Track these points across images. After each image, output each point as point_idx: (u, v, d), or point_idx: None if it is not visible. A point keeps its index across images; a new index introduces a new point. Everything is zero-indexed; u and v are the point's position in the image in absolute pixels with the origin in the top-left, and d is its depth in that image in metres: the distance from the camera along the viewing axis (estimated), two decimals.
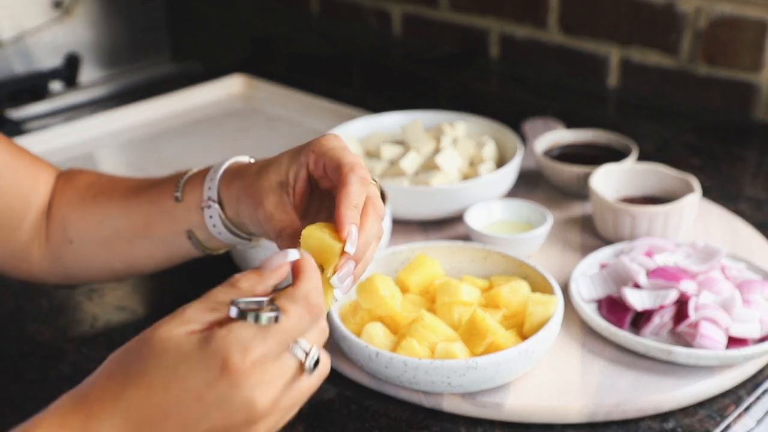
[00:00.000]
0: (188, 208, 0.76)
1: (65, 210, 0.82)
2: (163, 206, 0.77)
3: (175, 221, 0.77)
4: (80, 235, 0.81)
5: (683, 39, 1.48)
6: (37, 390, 0.85)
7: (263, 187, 0.70)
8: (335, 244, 0.62)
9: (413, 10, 1.85)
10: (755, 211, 1.15)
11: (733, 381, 0.84)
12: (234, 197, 0.73)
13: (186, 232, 0.78)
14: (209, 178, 0.75)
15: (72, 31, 1.54)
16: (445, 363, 0.76)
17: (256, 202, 0.70)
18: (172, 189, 0.77)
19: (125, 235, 0.80)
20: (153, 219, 0.78)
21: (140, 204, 0.79)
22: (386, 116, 1.24)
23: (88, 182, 0.83)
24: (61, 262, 0.83)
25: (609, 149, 1.19)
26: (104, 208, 0.80)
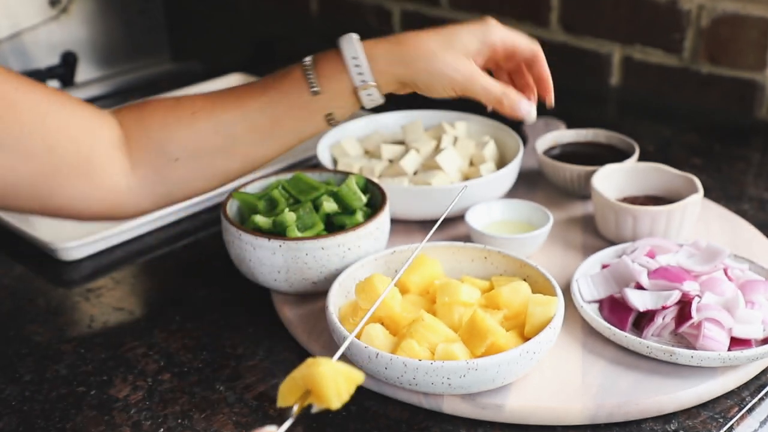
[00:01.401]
0: (331, 96, 0.85)
1: (160, 134, 0.84)
2: (294, 102, 0.85)
3: (311, 111, 0.85)
4: (189, 151, 0.85)
5: (685, 38, 1.48)
6: (35, 391, 0.85)
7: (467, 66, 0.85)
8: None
9: (413, 8, 1.84)
10: (758, 211, 1.15)
11: (736, 382, 0.83)
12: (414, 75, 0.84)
13: (325, 116, 0.86)
14: (352, 63, 0.84)
15: (69, 29, 1.54)
16: (445, 364, 0.76)
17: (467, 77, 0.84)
18: (303, 84, 0.85)
19: (245, 138, 0.86)
20: (281, 117, 0.85)
21: (262, 107, 0.85)
22: (386, 116, 1.23)
23: (170, 105, 0.86)
24: (163, 183, 0.86)
25: (610, 149, 1.19)
26: (215, 120, 0.85)
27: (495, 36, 0.88)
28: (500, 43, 0.88)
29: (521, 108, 0.87)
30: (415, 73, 0.85)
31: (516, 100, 0.87)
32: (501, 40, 0.88)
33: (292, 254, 0.89)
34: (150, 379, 0.86)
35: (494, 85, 0.86)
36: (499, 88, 0.86)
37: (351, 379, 0.63)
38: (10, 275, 1.06)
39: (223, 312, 0.97)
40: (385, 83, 0.85)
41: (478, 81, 0.85)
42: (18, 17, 1.47)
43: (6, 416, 0.82)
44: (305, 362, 0.64)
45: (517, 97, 0.87)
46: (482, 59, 0.88)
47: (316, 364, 0.63)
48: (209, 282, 1.03)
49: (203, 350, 0.90)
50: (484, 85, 0.86)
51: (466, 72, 0.85)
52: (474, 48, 0.86)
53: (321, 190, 0.98)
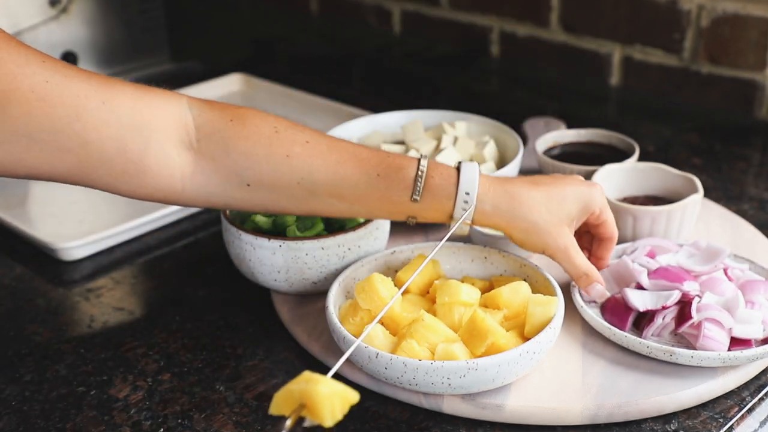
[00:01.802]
0: (425, 209, 0.84)
1: (242, 159, 0.81)
2: (390, 198, 0.83)
3: (401, 210, 0.84)
4: (264, 185, 0.82)
5: (686, 38, 1.48)
6: (35, 391, 0.85)
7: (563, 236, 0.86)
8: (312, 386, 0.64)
9: (413, 8, 1.84)
10: (758, 211, 1.15)
11: (736, 382, 0.83)
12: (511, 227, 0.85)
13: (408, 217, 0.85)
14: (462, 200, 0.83)
15: (69, 29, 1.54)
16: (445, 364, 0.76)
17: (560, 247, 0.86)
18: (408, 188, 0.83)
19: (325, 199, 0.83)
20: (370, 200, 0.83)
21: (357, 184, 0.82)
22: (386, 116, 1.23)
23: (267, 135, 0.82)
24: (223, 198, 0.83)
25: (610, 148, 1.19)
26: (304, 173, 0.82)
27: (595, 205, 0.87)
28: (597, 213, 0.88)
29: (594, 291, 0.88)
30: (514, 230, 0.85)
31: (593, 282, 0.88)
32: (599, 211, 0.88)
33: (292, 254, 0.89)
34: (150, 379, 0.86)
35: (581, 264, 0.87)
36: (584, 267, 0.87)
37: (346, 399, 0.65)
38: (10, 275, 1.06)
39: (223, 312, 0.97)
40: (480, 222, 0.85)
41: (570, 257, 0.86)
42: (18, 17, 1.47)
43: (6, 416, 0.82)
44: (303, 376, 0.65)
45: (596, 278, 0.88)
46: (577, 225, 0.88)
47: (315, 382, 0.64)
48: (209, 282, 1.03)
49: (203, 350, 0.90)
50: (573, 260, 0.86)
51: (562, 245, 0.86)
52: (575, 214, 0.86)
53: None
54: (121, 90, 0.77)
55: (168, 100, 0.81)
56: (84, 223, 1.13)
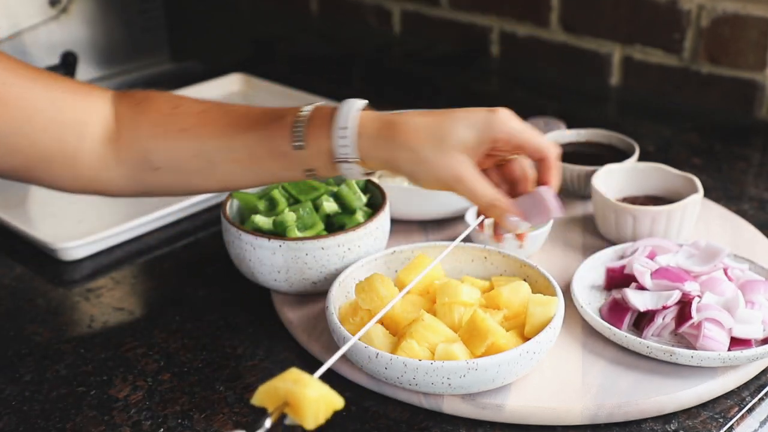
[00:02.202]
0: (312, 155, 0.79)
1: (147, 141, 0.82)
2: (277, 149, 0.80)
3: (292, 162, 0.80)
4: (170, 165, 0.83)
5: (686, 38, 1.48)
6: (35, 391, 0.85)
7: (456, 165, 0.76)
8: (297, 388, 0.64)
9: (413, 8, 1.84)
10: (758, 211, 1.15)
11: (736, 382, 0.83)
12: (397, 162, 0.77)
13: (305, 170, 0.81)
14: (338, 135, 0.77)
15: (69, 29, 1.54)
16: (445, 364, 0.76)
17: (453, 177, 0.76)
18: (289, 135, 0.79)
19: (226, 166, 0.82)
20: (262, 158, 0.81)
21: (246, 143, 0.81)
22: None
23: (166, 113, 0.83)
24: (143, 184, 0.85)
25: (610, 149, 1.19)
26: (198, 143, 0.81)
27: (499, 130, 0.77)
28: (505, 137, 0.77)
29: (508, 221, 0.78)
30: (400, 162, 0.77)
31: (506, 214, 0.78)
32: (507, 135, 0.77)
33: (292, 254, 0.89)
34: (150, 379, 0.86)
35: (484, 192, 0.77)
36: (488, 196, 0.77)
37: (331, 404, 0.65)
38: (10, 275, 1.06)
39: (223, 312, 0.97)
40: (368, 162, 0.79)
41: (466, 184, 0.77)
42: (18, 17, 1.47)
43: (6, 416, 0.82)
44: (291, 374, 0.65)
45: (504, 208, 0.78)
46: (481, 153, 0.78)
47: (303, 384, 0.64)
48: (209, 282, 1.03)
49: (203, 350, 0.90)
50: (472, 189, 0.77)
51: (454, 172, 0.76)
52: (471, 141, 0.76)
53: (321, 190, 0.98)
54: (62, 87, 0.81)
55: (97, 96, 0.84)
56: (84, 223, 1.13)
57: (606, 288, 0.94)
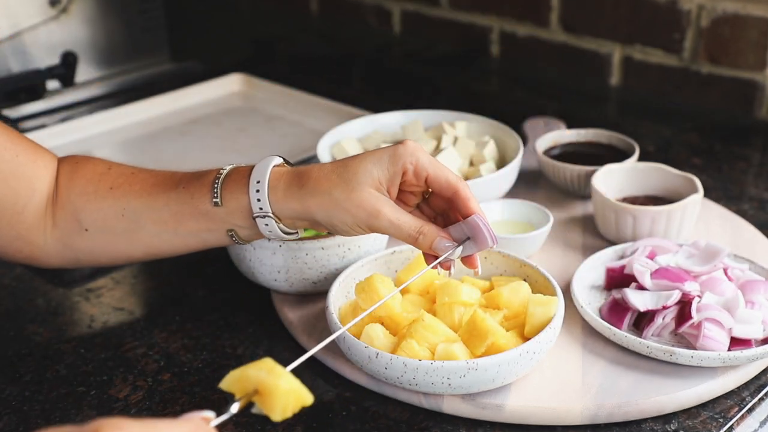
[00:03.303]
0: (230, 213, 0.79)
1: (78, 200, 0.83)
2: (197, 207, 0.79)
3: (213, 221, 0.80)
4: (97, 225, 0.83)
5: (686, 38, 1.48)
6: (35, 391, 0.85)
7: (370, 199, 0.75)
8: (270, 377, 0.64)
9: (413, 8, 1.84)
10: (758, 211, 1.15)
11: (736, 382, 0.83)
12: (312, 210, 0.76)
13: (227, 231, 0.81)
14: (254, 189, 0.77)
15: (69, 29, 1.54)
16: (445, 364, 0.76)
17: (371, 213, 0.75)
18: (208, 193, 0.79)
19: (150, 228, 0.82)
20: (184, 218, 0.80)
21: (168, 203, 0.80)
22: (386, 116, 1.23)
23: (99, 172, 0.84)
24: (72, 248, 0.84)
25: (610, 148, 1.19)
26: (124, 202, 0.81)
27: (406, 161, 0.76)
28: (412, 168, 0.76)
29: (438, 248, 0.76)
30: (313, 210, 0.76)
31: (436, 239, 0.76)
32: (414, 165, 0.76)
33: (292, 254, 0.89)
34: (150, 379, 0.86)
35: (406, 222, 0.75)
36: (412, 225, 0.75)
37: (300, 399, 0.64)
38: (10, 275, 1.06)
39: (223, 312, 0.97)
40: (284, 217, 0.78)
41: (386, 216, 0.74)
42: (18, 17, 1.47)
43: (6, 416, 0.82)
44: (265, 363, 0.65)
45: (434, 234, 0.76)
46: (394, 187, 0.77)
47: (276, 375, 0.64)
48: (209, 282, 1.03)
49: (203, 350, 0.90)
50: (393, 220, 0.75)
51: (369, 207, 0.74)
52: (379, 175, 0.75)
53: None
54: (23, 143, 0.82)
55: (47, 157, 0.84)
56: None
57: (606, 288, 0.94)
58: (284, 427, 0.79)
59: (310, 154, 1.26)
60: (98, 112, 1.44)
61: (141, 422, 0.54)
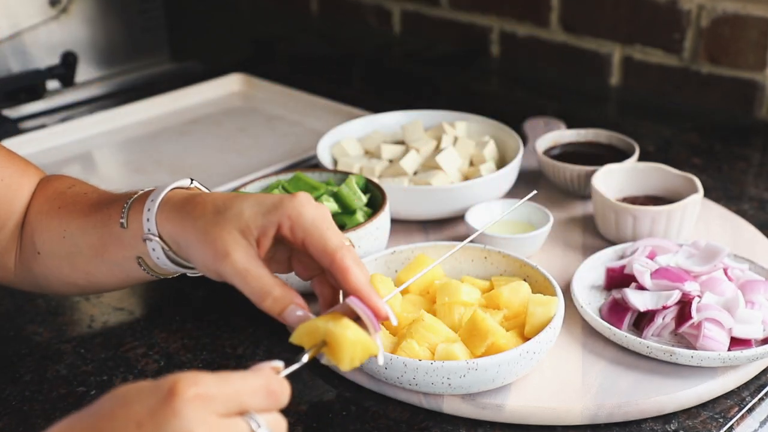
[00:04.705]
0: (134, 236, 0.73)
1: (35, 219, 0.80)
2: (112, 230, 0.74)
3: (124, 247, 0.74)
4: (45, 248, 0.79)
5: (686, 38, 1.48)
6: (35, 391, 0.85)
7: (226, 238, 0.67)
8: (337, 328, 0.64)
9: (413, 8, 1.84)
10: (758, 211, 1.15)
11: (736, 382, 0.83)
12: (179, 236, 0.70)
13: (136, 258, 0.75)
14: (147, 208, 0.72)
15: (69, 29, 1.54)
16: (445, 364, 0.76)
17: (219, 253, 0.67)
18: (117, 213, 0.74)
19: (85, 252, 0.77)
20: (105, 241, 0.75)
21: (95, 224, 0.76)
22: (386, 116, 1.23)
23: (60, 191, 0.80)
24: (31, 272, 0.81)
25: (610, 148, 1.19)
26: (65, 223, 0.77)
27: (285, 214, 0.67)
28: (289, 222, 0.68)
29: (287, 315, 0.67)
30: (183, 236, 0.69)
31: (283, 305, 0.67)
32: (292, 220, 0.67)
33: None
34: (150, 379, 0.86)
35: (257, 276, 0.66)
36: (263, 282, 0.66)
37: (367, 349, 0.65)
38: None
39: (223, 312, 0.97)
40: (167, 239, 0.71)
41: (233, 262, 0.66)
42: (18, 17, 1.47)
43: (6, 416, 0.82)
44: (332, 315, 0.65)
45: (287, 300, 0.67)
46: (266, 238, 0.68)
47: (343, 326, 0.64)
48: (209, 282, 1.02)
49: (203, 350, 0.90)
50: (241, 269, 0.66)
51: (221, 247, 0.66)
52: (250, 218, 0.67)
53: (321, 190, 0.98)
54: (12, 165, 0.80)
55: (32, 173, 0.82)
56: None
57: (606, 288, 0.94)
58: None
59: (310, 154, 1.26)
60: (98, 112, 1.44)
61: (215, 375, 0.54)
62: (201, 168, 1.27)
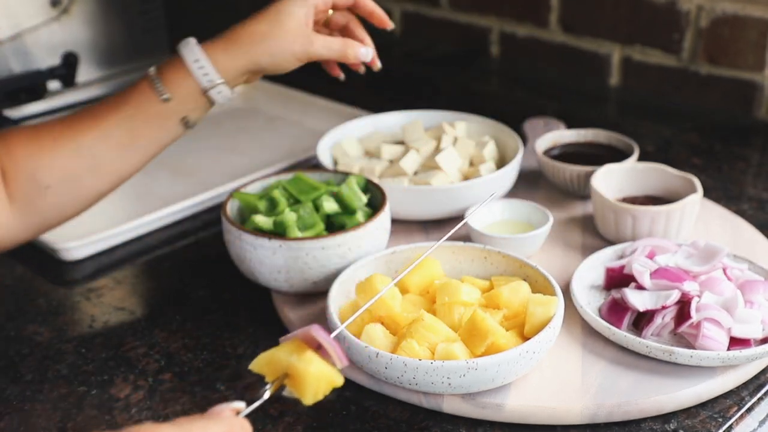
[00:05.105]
0: (181, 101, 0.89)
1: (28, 163, 0.86)
2: (148, 112, 0.88)
3: (166, 118, 0.89)
4: (59, 176, 0.87)
5: (685, 38, 1.48)
6: (36, 390, 0.85)
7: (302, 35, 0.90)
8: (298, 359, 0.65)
9: (413, 8, 1.84)
10: (757, 211, 1.15)
11: (736, 382, 0.83)
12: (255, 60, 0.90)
13: (180, 120, 0.90)
14: (196, 67, 0.88)
15: (70, 29, 1.54)
16: (445, 364, 0.76)
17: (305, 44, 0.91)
18: (152, 94, 0.88)
19: (109, 155, 0.88)
20: (139, 128, 0.88)
21: (119, 123, 0.88)
22: (386, 116, 1.23)
23: (31, 136, 0.87)
24: (36, 212, 0.87)
25: (610, 149, 1.19)
26: (74, 144, 0.87)
27: None
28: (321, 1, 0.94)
29: (362, 53, 0.95)
30: (258, 58, 0.90)
31: (357, 47, 0.95)
32: None
33: (293, 254, 0.90)
34: (151, 379, 0.86)
35: (333, 41, 0.93)
36: (339, 42, 0.93)
37: (331, 382, 0.65)
38: (11, 275, 1.06)
39: (223, 312, 0.97)
40: (232, 78, 0.90)
41: (317, 42, 0.91)
42: (19, 18, 1.47)
43: (7, 416, 0.82)
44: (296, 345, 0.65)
45: (357, 44, 0.95)
46: (312, 20, 0.93)
47: (306, 361, 0.64)
48: (209, 282, 1.03)
49: (204, 350, 0.91)
50: (324, 44, 0.92)
51: (303, 38, 0.90)
52: (302, 13, 0.91)
53: (321, 190, 0.98)
54: None
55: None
56: (85, 223, 1.13)
57: (605, 288, 0.94)
58: (284, 426, 0.79)
59: (310, 154, 1.26)
60: None
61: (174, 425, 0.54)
62: (201, 168, 1.27)
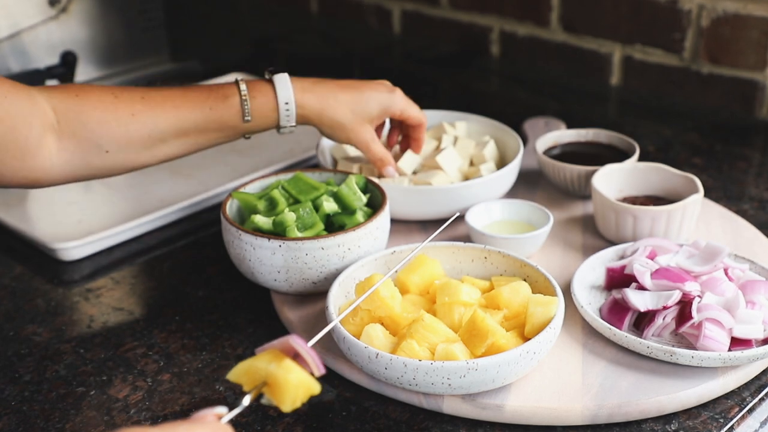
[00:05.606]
0: (257, 125, 0.99)
1: (97, 128, 0.91)
2: (226, 123, 0.97)
3: (238, 132, 0.99)
4: (120, 146, 0.93)
5: (686, 37, 1.48)
6: (34, 391, 0.85)
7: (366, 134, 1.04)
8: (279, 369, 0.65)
9: (413, 8, 1.84)
10: (758, 211, 1.15)
11: (737, 382, 0.83)
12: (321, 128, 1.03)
13: (244, 135, 1.00)
14: (284, 109, 0.99)
15: (69, 29, 1.54)
16: (445, 364, 0.76)
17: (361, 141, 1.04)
18: (237, 113, 0.97)
19: (173, 142, 0.96)
20: (209, 131, 0.97)
21: (196, 121, 0.96)
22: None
23: (109, 101, 0.92)
24: (88, 167, 0.93)
25: (611, 148, 1.19)
26: (151, 125, 0.93)
27: (396, 107, 1.05)
28: (398, 113, 1.06)
29: (387, 171, 1.06)
30: (324, 126, 1.03)
31: (389, 168, 1.06)
32: (400, 111, 1.06)
33: (292, 254, 0.89)
34: (150, 379, 0.86)
35: (379, 151, 1.05)
36: (381, 154, 1.05)
37: (309, 390, 0.66)
38: (10, 275, 1.06)
39: (223, 312, 0.97)
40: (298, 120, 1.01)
41: (370, 148, 1.05)
42: (17, 17, 1.47)
43: (5, 416, 0.82)
44: (274, 355, 0.66)
45: (390, 162, 1.06)
46: (378, 122, 1.06)
47: (286, 369, 0.65)
48: (209, 282, 1.03)
49: (203, 350, 0.90)
50: (374, 151, 1.05)
51: (363, 140, 1.04)
52: (376, 114, 1.04)
53: (321, 190, 0.98)
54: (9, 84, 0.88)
55: (36, 92, 0.90)
56: (83, 223, 1.13)
57: (606, 288, 0.94)
58: (284, 427, 0.79)
59: (310, 154, 1.26)
60: None
61: (159, 430, 0.55)
62: (201, 167, 1.27)
